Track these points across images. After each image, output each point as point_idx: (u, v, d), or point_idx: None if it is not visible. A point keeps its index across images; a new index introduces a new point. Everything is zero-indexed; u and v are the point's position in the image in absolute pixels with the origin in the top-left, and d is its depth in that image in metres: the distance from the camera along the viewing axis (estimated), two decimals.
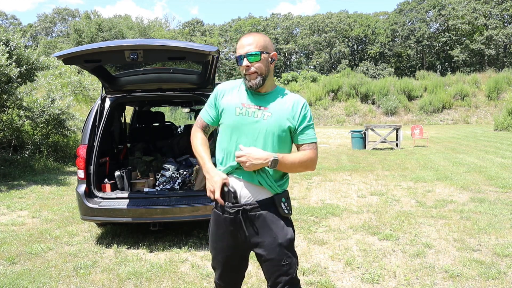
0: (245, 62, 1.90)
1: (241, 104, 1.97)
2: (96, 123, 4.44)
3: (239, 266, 2.11)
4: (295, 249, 2.02)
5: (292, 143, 2.02)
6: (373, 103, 31.77)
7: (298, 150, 2.00)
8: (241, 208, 1.91)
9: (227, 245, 2.01)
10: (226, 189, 1.90)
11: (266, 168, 1.90)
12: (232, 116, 1.96)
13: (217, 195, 1.88)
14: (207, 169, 1.96)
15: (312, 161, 1.97)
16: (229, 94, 2.02)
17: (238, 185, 1.94)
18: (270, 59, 1.95)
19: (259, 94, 1.99)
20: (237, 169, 1.94)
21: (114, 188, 4.63)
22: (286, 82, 36.90)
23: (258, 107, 1.95)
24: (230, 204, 1.93)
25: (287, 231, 1.94)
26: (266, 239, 1.91)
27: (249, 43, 1.91)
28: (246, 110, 1.95)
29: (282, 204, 1.94)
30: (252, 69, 1.90)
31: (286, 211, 1.95)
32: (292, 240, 1.94)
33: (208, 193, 1.94)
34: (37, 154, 9.70)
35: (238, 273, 2.13)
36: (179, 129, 7.97)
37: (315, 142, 1.99)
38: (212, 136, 5.30)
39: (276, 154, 1.87)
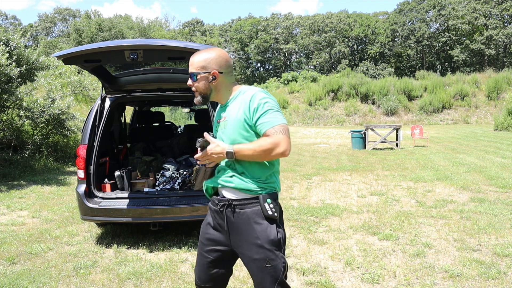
0: (189, 81, 1.99)
1: (217, 122, 2.06)
2: (96, 123, 4.44)
3: (220, 265, 2.03)
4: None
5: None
6: (373, 103, 31.77)
7: None
8: (227, 202, 1.94)
9: (211, 238, 2.01)
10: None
11: (241, 170, 1.91)
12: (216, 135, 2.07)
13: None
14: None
15: (276, 144, 1.81)
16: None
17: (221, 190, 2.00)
18: (211, 77, 1.93)
19: (222, 106, 2.05)
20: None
21: (114, 188, 4.63)
22: (286, 82, 36.89)
23: (224, 118, 1.99)
24: (218, 197, 2.00)
25: (270, 232, 1.87)
26: (248, 239, 1.89)
27: (191, 63, 1.96)
28: (219, 126, 2.03)
29: (267, 205, 1.88)
30: (193, 87, 1.99)
31: (270, 212, 1.88)
32: (275, 242, 1.87)
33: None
34: (37, 154, 9.71)
35: (218, 274, 2.04)
36: (179, 129, 7.97)
37: (279, 125, 1.85)
38: None
39: (231, 146, 1.87)
